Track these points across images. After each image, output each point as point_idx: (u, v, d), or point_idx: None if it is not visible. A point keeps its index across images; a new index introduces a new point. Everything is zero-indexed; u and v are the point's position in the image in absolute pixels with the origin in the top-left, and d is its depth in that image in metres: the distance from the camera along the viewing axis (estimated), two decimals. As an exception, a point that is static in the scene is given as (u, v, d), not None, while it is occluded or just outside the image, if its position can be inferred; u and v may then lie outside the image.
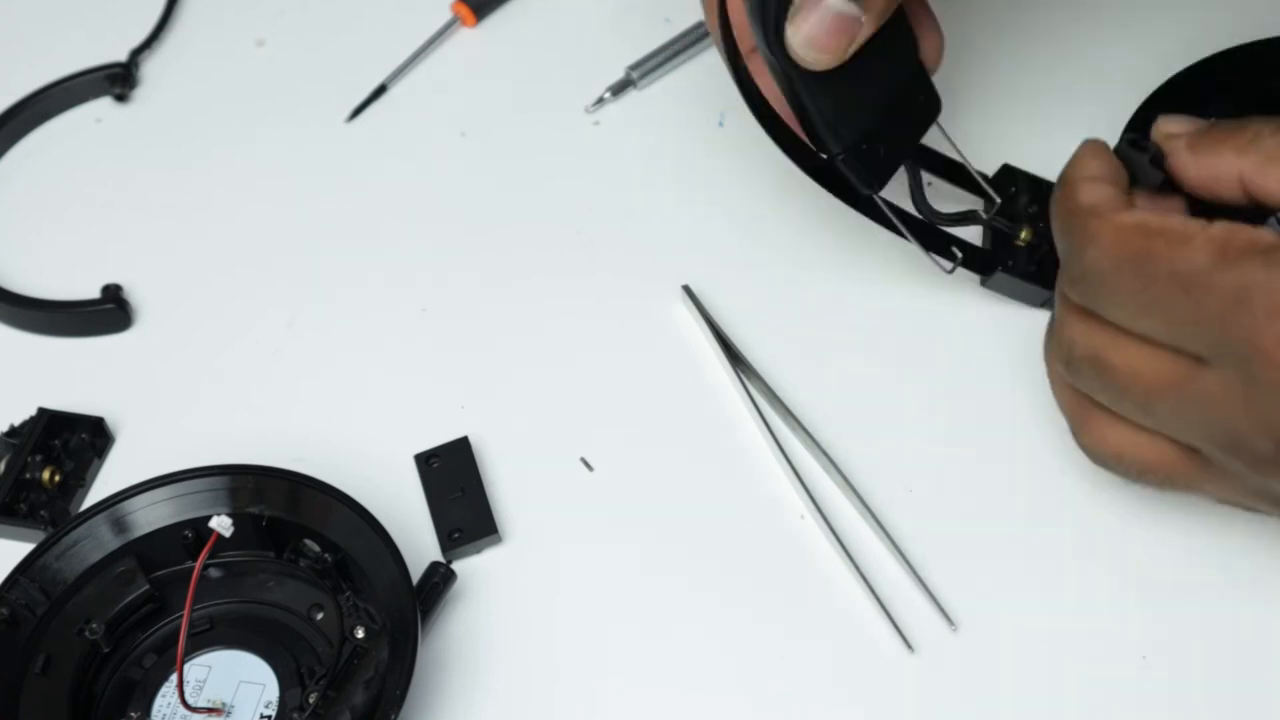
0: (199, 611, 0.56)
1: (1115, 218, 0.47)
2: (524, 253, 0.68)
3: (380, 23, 0.79)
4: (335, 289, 0.68)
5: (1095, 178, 0.49)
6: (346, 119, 0.74)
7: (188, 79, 0.77)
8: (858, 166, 0.56)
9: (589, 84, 0.73)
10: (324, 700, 0.52)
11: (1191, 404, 0.46)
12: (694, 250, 0.67)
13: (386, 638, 0.53)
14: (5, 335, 0.68)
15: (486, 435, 0.62)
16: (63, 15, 0.81)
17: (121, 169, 0.74)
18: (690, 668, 0.55)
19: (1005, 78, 0.65)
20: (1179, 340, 0.46)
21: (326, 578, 0.55)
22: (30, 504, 0.61)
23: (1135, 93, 0.63)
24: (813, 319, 0.64)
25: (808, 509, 0.58)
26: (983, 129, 0.66)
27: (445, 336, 0.65)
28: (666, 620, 0.56)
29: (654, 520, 0.59)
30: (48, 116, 0.76)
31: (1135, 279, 0.46)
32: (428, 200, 0.71)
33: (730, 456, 0.60)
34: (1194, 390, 0.46)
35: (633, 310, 0.65)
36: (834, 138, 0.55)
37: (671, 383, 0.63)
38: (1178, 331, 0.45)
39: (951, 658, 0.54)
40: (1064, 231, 0.49)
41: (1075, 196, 0.48)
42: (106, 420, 0.63)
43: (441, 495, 0.59)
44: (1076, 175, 0.49)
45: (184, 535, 0.57)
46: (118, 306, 0.67)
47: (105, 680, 0.55)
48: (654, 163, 0.71)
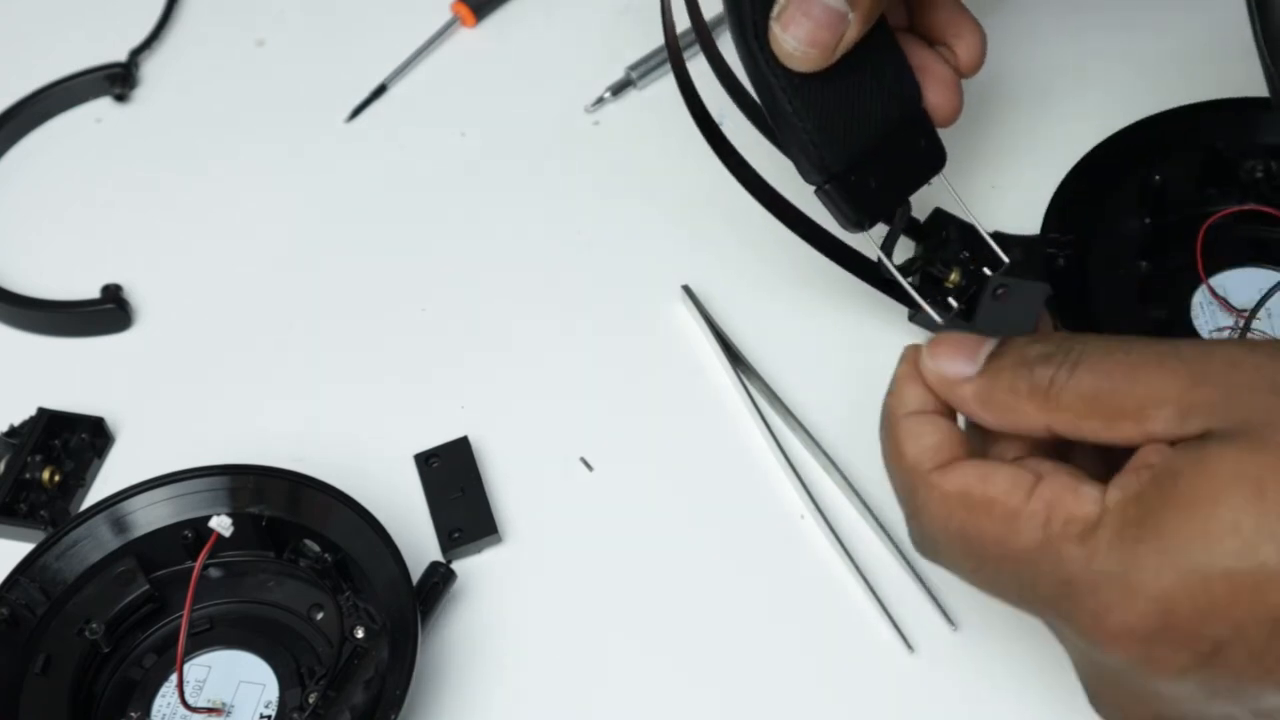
0: (199, 611, 0.56)
1: (940, 484, 0.43)
2: (524, 253, 0.68)
3: (380, 23, 0.79)
4: (335, 289, 0.68)
5: (915, 413, 0.45)
6: (346, 119, 0.74)
7: (188, 79, 0.77)
8: (844, 197, 0.54)
9: (589, 84, 0.73)
10: (324, 700, 0.52)
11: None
12: (694, 250, 0.67)
13: (386, 638, 0.53)
14: (5, 335, 0.68)
15: (486, 435, 0.61)
16: (63, 15, 0.81)
17: (121, 169, 0.74)
18: (690, 667, 0.55)
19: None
20: (1024, 611, 0.44)
21: (326, 578, 0.55)
22: (30, 504, 0.61)
23: (1075, 149, 0.62)
24: (813, 319, 0.64)
25: (808, 509, 0.58)
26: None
27: (445, 336, 0.65)
28: (666, 620, 0.56)
29: (654, 520, 0.59)
30: (48, 116, 0.76)
31: (964, 558, 0.44)
32: (428, 200, 0.71)
33: (730, 456, 0.60)
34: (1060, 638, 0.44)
35: (633, 310, 0.65)
36: (819, 159, 0.53)
37: (671, 383, 0.63)
38: (1020, 607, 0.44)
39: (951, 658, 0.54)
40: (895, 485, 0.46)
41: (900, 447, 0.45)
42: (106, 420, 0.63)
43: (441, 495, 0.59)
44: (897, 412, 0.46)
45: (184, 535, 0.57)
46: (118, 306, 0.67)
47: (105, 680, 0.55)
48: (654, 162, 0.71)
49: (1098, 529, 0.41)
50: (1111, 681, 0.43)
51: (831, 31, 0.52)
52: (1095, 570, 0.40)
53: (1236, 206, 0.60)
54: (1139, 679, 0.41)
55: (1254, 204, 0.60)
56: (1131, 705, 0.43)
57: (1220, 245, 0.60)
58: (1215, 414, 0.40)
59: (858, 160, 0.54)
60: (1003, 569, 0.43)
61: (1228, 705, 0.41)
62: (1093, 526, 0.41)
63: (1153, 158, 0.61)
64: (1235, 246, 0.60)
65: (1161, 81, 0.67)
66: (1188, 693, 0.41)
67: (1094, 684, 0.44)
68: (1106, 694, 0.44)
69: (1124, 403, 0.42)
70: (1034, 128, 0.68)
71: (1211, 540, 0.39)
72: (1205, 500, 0.39)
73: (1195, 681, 0.40)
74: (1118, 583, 0.40)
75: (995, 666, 0.54)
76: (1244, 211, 0.60)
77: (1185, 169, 0.61)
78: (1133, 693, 0.42)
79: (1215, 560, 0.39)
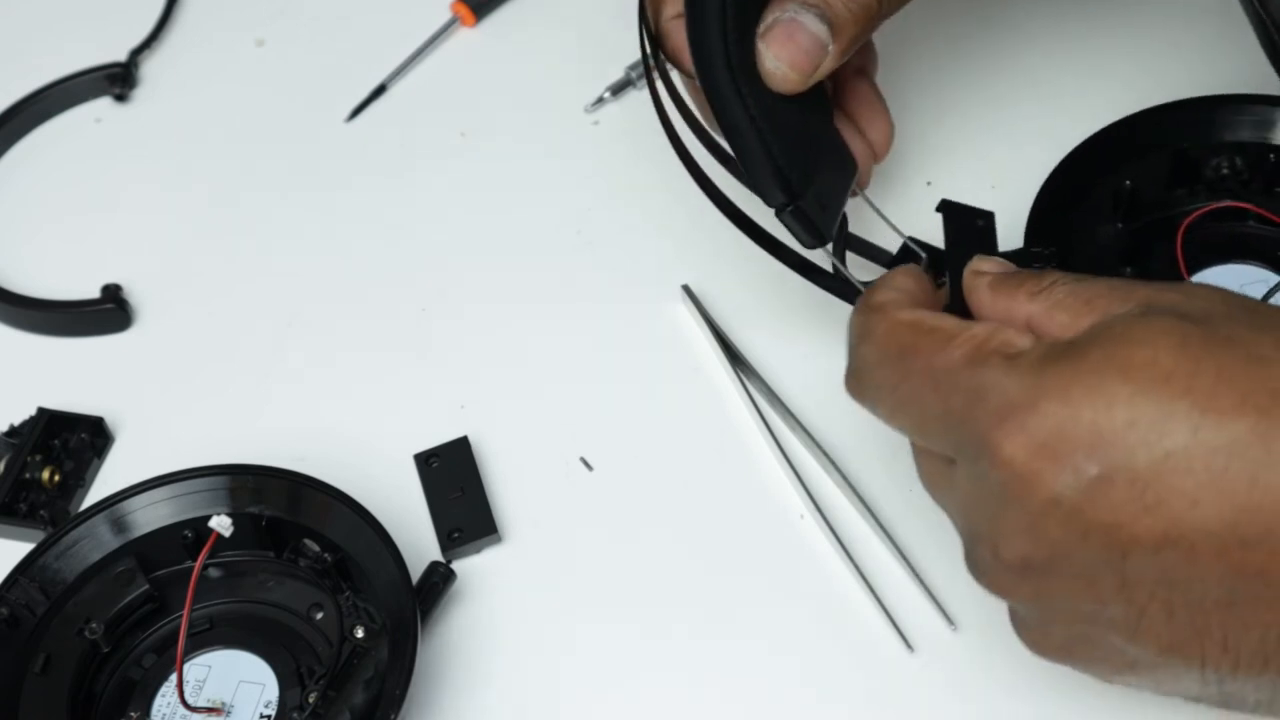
0: (199, 611, 0.56)
1: (895, 314, 0.46)
2: (524, 253, 0.68)
3: (380, 23, 0.79)
4: (335, 288, 0.68)
5: (895, 287, 0.48)
6: (346, 119, 0.74)
7: (188, 79, 0.77)
8: (811, 215, 0.54)
9: (589, 84, 0.73)
10: (324, 700, 0.52)
11: (946, 498, 0.46)
12: (694, 250, 0.67)
13: (386, 637, 0.53)
14: (5, 335, 0.68)
15: (486, 435, 0.62)
16: (63, 15, 0.81)
17: (121, 169, 0.74)
18: (689, 667, 0.55)
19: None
20: (927, 439, 0.45)
21: (326, 577, 0.55)
22: (30, 504, 0.61)
23: (1051, 154, 0.62)
24: (813, 319, 0.64)
25: (808, 509, 0.58)
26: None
27: (445, 336, 0.65)
28: (666, 620, 0.56)
29: (654, 520, 0.59)
30: (47, 116, 0.76)
31: (892, 372, 0.45)
32: (428, 200, 0.71)
33: (730, 456, 0.60)
34: (947, 485, 0.45)
35: (633, 310, 0.65)
36: (785, 181, 0.53)
37: (671, 383, 0.63)
38: (925, 429, 0.45)
39: (951, 658, 0.54)
40: (851, 328, 0.48)
41: (870, 297, 0.48)
42: (106, 420, 0.63)
43: (441, 495, 0.59)
44: (880, 282, 0.49)
45: (184, 535, 0.57)
46: (117, 306, 0.67)
47: (105, 680, 0.55)
48: (654, 162, 0.70)
49: (1026, 353, 0.43)
50: (988, 516, 0.43)
51: (811, 58, 0.54)
52: (1010, 378, 0.42)
53: (1212, 204, 0.60)
54: (1018, 504, 0.41)
55: (1229, 201, 0.60)
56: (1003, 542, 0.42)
57: (1199, 244, 0.60)
58: (1175, 307, 0.42)
59: (810, 181, 0.54)
60: (925, 379, 0.44)
61: (1089, 553, 0.41)
62: (1022, 351, 0.43)
63: (1120, 163, 0.61)
64: (1214, 244, 0.60)
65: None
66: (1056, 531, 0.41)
67: (973, 525, 0.44)
68: (982, 540, 0.43)
69: (1099, 293, 0.44)
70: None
71: (1129, 375, 0.40)
72: (1134, 342, 0.41)
73: (1064, 513, 0.40)
74: (1028, 388, 0.41)
75: (995, 666, 0.54)
76: (1219, 209, 0.60)
77: (1153, 171, 0.61)
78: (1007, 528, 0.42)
79: (1122, 394, 0.40)
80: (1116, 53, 0.71)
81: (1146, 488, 0.40)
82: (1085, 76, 0.70)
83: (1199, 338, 0.40)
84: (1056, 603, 0.43)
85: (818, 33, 0.53)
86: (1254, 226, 0.61)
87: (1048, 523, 0.41)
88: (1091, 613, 0.42)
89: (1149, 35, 0.71)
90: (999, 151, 0.67)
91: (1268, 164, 0.61)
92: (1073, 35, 0.72)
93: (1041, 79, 0.70)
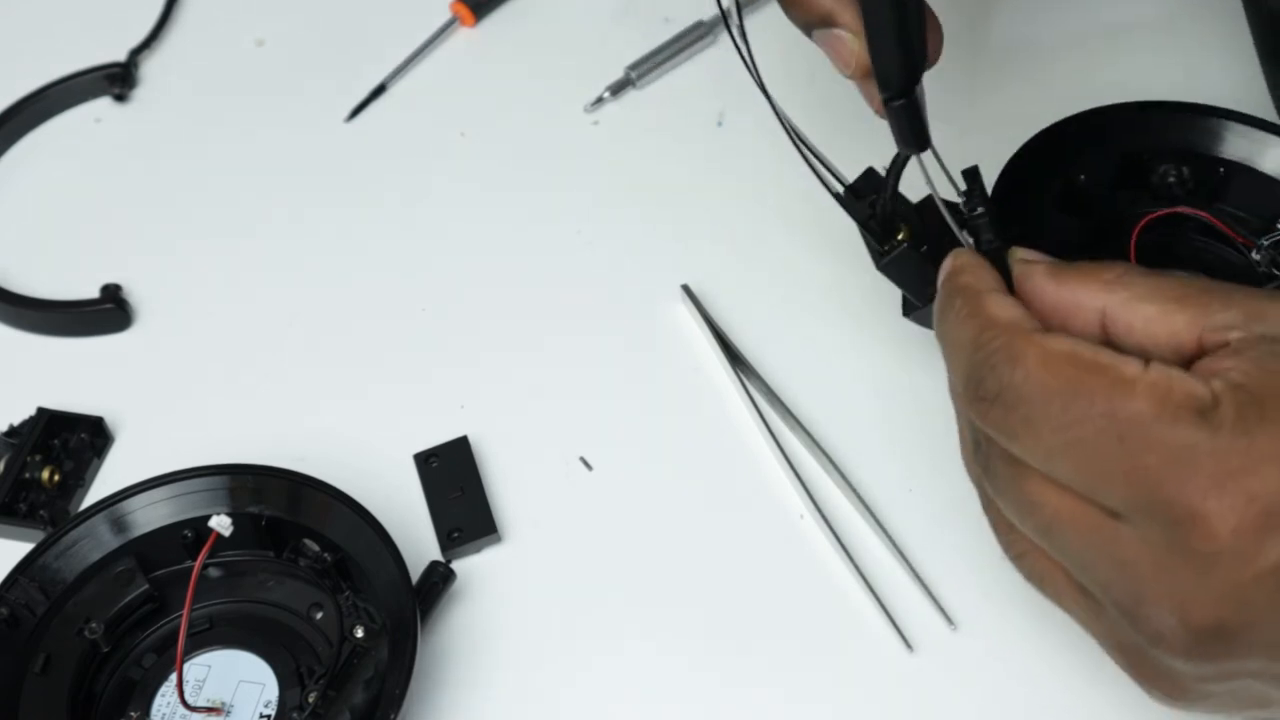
0: (198, 611, 0.56)
1: (1043, 341, 0.43)
2: (524, 252, 0.68)
3: (380, 23, 0.79)
4: (335, 288, 0.68)
5: (997, 290, 0.46)
6: (346, 119, 0.74)
7: (187, 79, 0.77)
8: (921, 114, 0.51)
9: (588, 84, 0.73)
10: (323, 700, 0.52)
11: (1098, 552, 0.42)
12: (694, 250, 0.67)
13: (386, 637, 0.53)
14: (5, 335, 0.68)
15: (486, 435, 0.62)
16: (63, 15, 0.81)
17: (121, 169, 0.74)
18: (689, 666, 0.55)
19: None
20: (1094, 490, 0.42)
21: (326, 577, 0.55)
22: (30, 504, 0.61)
23: (992, 153, 0.61)
24: (812, 319, 0.64)
25: (808, 509, 0.58)
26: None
27: (445, 336, 0.65)
28: (665, 619, 0.56)
29: (653, 520, 0.59)
30: (47, 116, 0.76)
31: (1064, 414, 0.42)
32: (427, 200, 0.71)
33: (730, 456, 0.60)
34: (1104, 539, 0.42)
35: (633, 310, 0.65)
36: (916, 67, 0.50)
37: (671, 383, 0.63)
38: (1097, 480, 0.42)
39: (951, 658, 0.54)
40: (974, 344, 0.45)
41: (986, 309, 0.45)
42: (106, 420, 0.63)
43: (441, 495, 0.59)
44: (976, 285, 0.46)
45: (183, 535, 0.57)
46: (117, 306, 0.67)
47: (105, 680, 0.55)
48: (653, 162, 0.71)
49: (1218, 407, 0.40)
50: (1174, 580, 0.41)
51: None
52: (1217, 440, 0.40)
53: (1172, 209, 0.60)
54: (1224, 571, 0.40)
55: (1185, 207, 0.60)
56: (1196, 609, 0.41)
57: (1148, 247, 0.59)
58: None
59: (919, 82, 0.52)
60: (1108, 430, 0.41)
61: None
62: (1212, 404, 0.40)
63: (1073, 159, 0.60)
64: (1161, 250, 0.59)
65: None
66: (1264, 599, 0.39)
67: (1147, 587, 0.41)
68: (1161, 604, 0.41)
69: (1187, 292, 0.43)
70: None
71: None
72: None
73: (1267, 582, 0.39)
74: (1241, 451, 0.39)
75: (994, 666, 0.54)
76: (1172, 214, 0.60)
77: (1102, 171, 0.60)
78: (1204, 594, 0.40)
79: None
80: (1109, 49, 0.71)
81: None
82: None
83: None
84: (1236, 665, 0.41)
85: None
86: (1198, 238, 0.60)
87: (1257, 592, 0.39)
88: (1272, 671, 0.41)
89: (1142, 36, 0.71)
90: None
91: (1215, 176, 0.60)
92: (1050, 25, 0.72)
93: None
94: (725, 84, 0.73)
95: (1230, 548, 0.39)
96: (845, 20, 0.52)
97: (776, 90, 0.53)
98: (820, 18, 0.52)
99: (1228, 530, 0.39)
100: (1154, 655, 0.43)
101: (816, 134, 0.54)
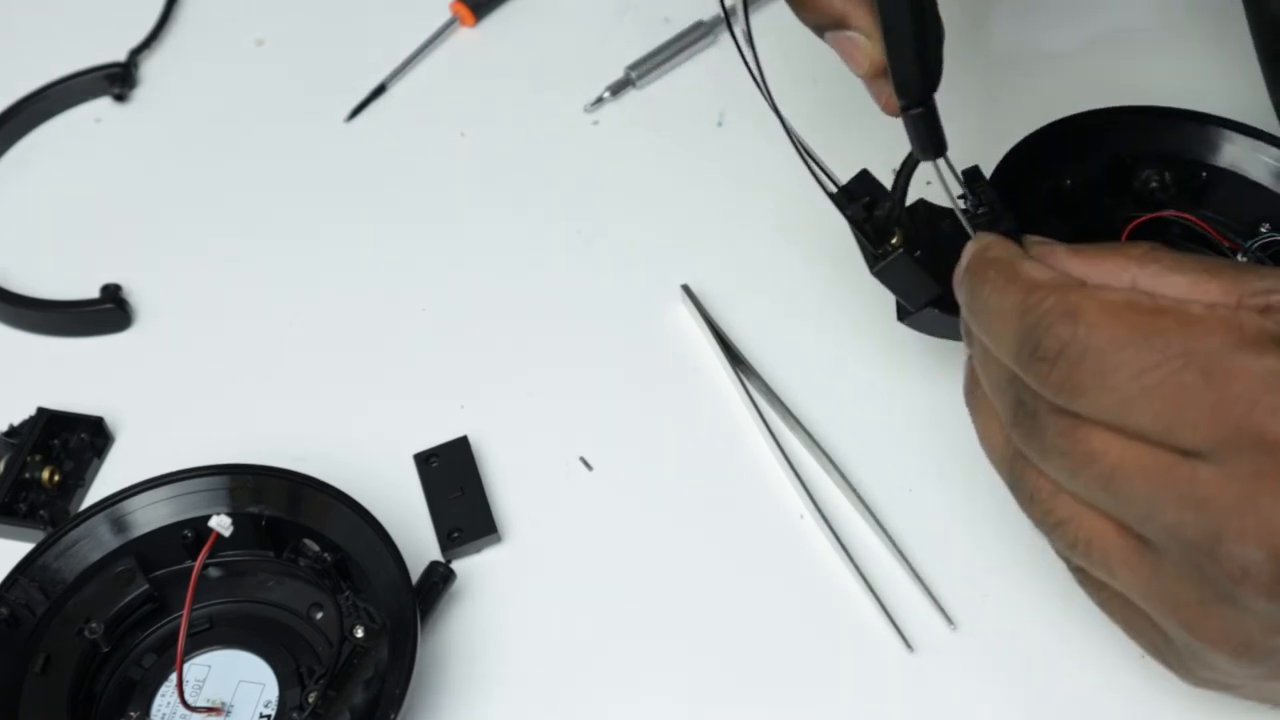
0: (198, 611, 0.56)
1: (1097, 293, 0.42)
2: (524, 252, 0.68)
3: (380, 23, 0.79)
4: (335, 288, 0.68)
5: (1029, 258, 0.45)
6: (346, 119, 0.74)
7: (187, 79, 0.77)
8: (938, 121, 0.51)
9: (588, 84, 0.73)
10: (323, 700, 0.52)
11: (1171, 494, 0.41)
12: (694, 250, 0.67)
13: (386, 637, 0.53)
14: (5, 335, 0.68)
15: (486, 435, 0.62)
16: (63, 15, 0.81)
17: (121, 169, 0.74)
18: (689, 667, 0.55)
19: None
20: (1173, 432, 0.41)
21: (326, 577, 0.55)
22: (30, 504, 0.61)
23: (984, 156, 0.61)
24: (812, 319, 0.64)
25: (808, 509, 0.58)
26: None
27: (445, 336, 0.65)
28: (666, 620, 0.56)
29: (653, 520, 0.59)
30: (47, 116, 0.76)
31: (1139, 360, 0.41)
32: (427, 200, 0.71)
33: (730, 456, 0.60)
34: (1178, 480, 0.41)
35: (633, 310, 0.65)
36: (933, 76, 0.50)
37: (671, 383, 0.63)
38: (1180, 420, 0.41)
39: (951, 658, 0.54)
40: (1022, 308, 0.44)
41: (1026, 273, 0.44)
42: (106, 420, 0.63)
43: (441, 495, 0.59)
44: (1008, 256, 0.46)
45: (183, 535, 0.57)
46: (117, 306, 0.67)
47: (105, 680, 0.55)
48: (653, 162, 0.71)
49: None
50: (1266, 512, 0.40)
51: None
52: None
53: (1161, 213, 0.60)
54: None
55: (1172, 211, 0.60)
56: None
57: None
58: None
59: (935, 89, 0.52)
60: (1186, 368, 0.40)
61: None
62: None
63: (1061, 163, 0.60)
64: None
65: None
66: None
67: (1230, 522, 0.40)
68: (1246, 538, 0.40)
69: (1217, 265, 0.43)
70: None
71: None
72: None
73: None
74: None
75: (994, 666, 0.54)
76: (1157, 218, 0.60)
77: (1089, 174, 0.60)
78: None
79: None
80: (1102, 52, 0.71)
81: None
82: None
83: None
84: None
85: None
86: (1184, 243, 0.59)
87: None
88: None
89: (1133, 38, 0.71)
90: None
91: (1197, 181, 0.60)
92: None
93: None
94: (725, 84, 0.73)
95: None
96: (858, 22, 0.52)
97: (780, 91, 0.53)
98: (833, 20, 0.52)
99: None
100: (1232, 597, 0.41)
101: (821, 135, 0.54)
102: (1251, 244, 0.58)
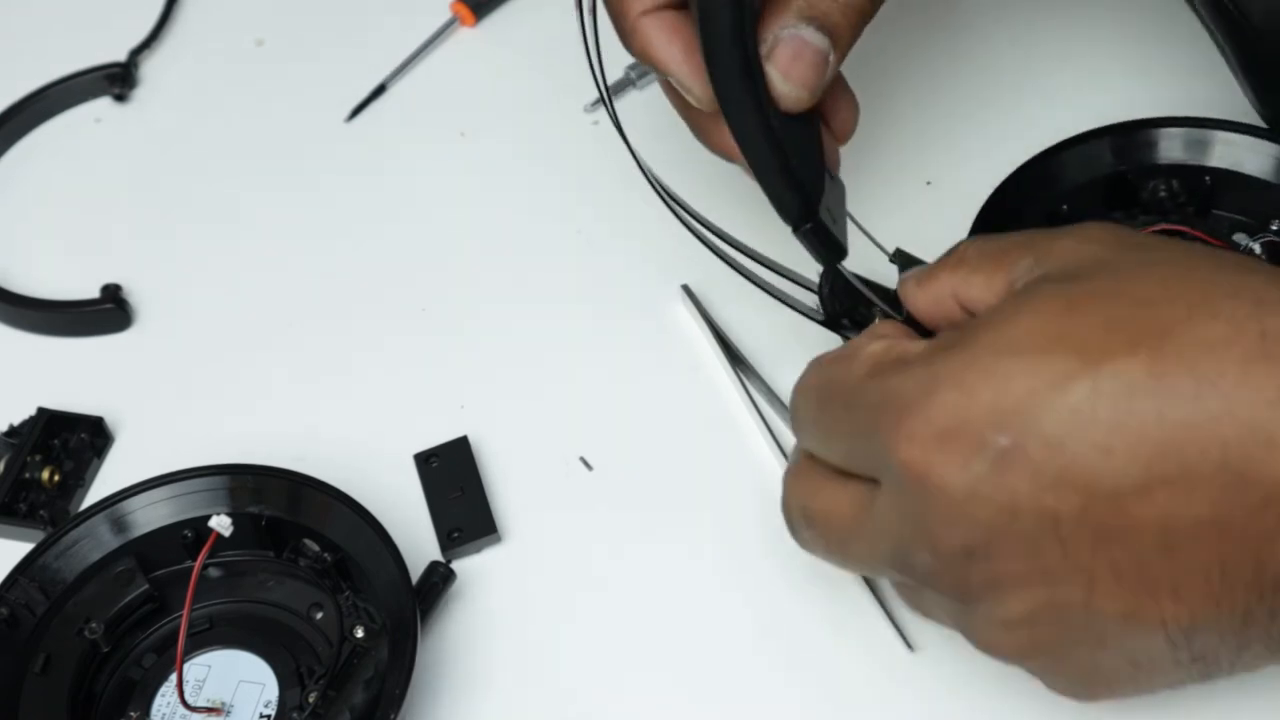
0: (198, 611, 0.56)
1: (821, 357, 0.48)
2: (524, 252, 0.68)
3: (380, 23, 0.79)
4: (335, 288, 0.68)
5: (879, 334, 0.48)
6: (346, 119, 0.74)
7: (187, 79, 0.77)
8: (832, 230, 0.53)
9: (589, 84, 0.73)
10: (323, 700, 0.52)
11: (871, 534, 0.45)
12: (694, 250, 0.66)
13: (386, 637, 0.53)
14: (5, 335, 0.68)
15: (486, 435, 0.62)
16: (62, 15, 0.81)
17: (121, 169, 0.74)
18: (689, 667, 0.55)
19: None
20: (852, 461, 0.45)
21: (326, 577, 0.55)
22: (30, 504, 0.61)
23: (986, 185, 0.61)
24: (811, 319, 0.64)
25: (807, 509, 0.58)
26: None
27: (445, 336, 0.65)
28: (666, 620, 0.56)
29: (654, 520, 0.59)
30: (47, 116, 0.76)
31: (810, 405, 0.47)
32: (427, 200, 0.71)
33: (730, 456, 0.60)
34: (871, 517, 0.44)
35: (633, 310, 0.65)
36: (807, 197, 0.52)
37: (671, 383, 0.63)
38: (848, 451, 0.45)
39: (951, 658, 0.54)
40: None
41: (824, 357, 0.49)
42: (106, 420, 0.63)
43: (441, 495, 0.59)
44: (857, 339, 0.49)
45: (183, 535, 0.57)
46: (117, 306, 0.67)
47: (105, 680, 0.55)
48: (654, 162, 0.70)
49: (920, 353, 0.43)
50: (914, 521, 0.43)
51: (818, 72, 0.52)
52: (904, 379, 0.43)
53: (1158, 225, 0.60)
54: (939, 497, 0.41)
55: (1167, 224, 0.60)
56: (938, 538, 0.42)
57: None
58: (1064, 268, 0.43)
59: (820, 195, 0.53)
60: (838, 402, 0.45)
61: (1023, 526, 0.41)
62: (915, 359, 0.43)
63: (1057, 185, 0.61)
64: None
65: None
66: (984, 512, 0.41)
67: (904, 536, 0.43)
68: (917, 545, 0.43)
69: (1003, 248, 0.45)
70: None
71: (1019, 348, 0.41)
72: (1022, 314, 0.42)
73: (986, 492, 0.40)
74: (922, 383, 0.42)
75: (995, 666, 0.53)
76: (1163, 230, 0.60)
77: (1090, 194, 0.61)
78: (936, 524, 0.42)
79: (1017, 367, 0.41)
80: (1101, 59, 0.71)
81: (1059, 447, 0.40)
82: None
83: (1084, 295, 0.41)
84: (1010, 589, 0.42)
85: (820, 46, 0.51)
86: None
87: (973, 507, 0.41)
88: (1047, 596, 0.42)
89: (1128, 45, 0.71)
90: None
91: (1203, 186, 0.60)
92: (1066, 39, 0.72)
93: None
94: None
95: (928, 472, 0.41)
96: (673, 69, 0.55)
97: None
98: (651, 64, 0.56)
99: (918, 459, 0.41)
100: (938, 599, 0.45)
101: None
102: (1246, 244, 0.58)
